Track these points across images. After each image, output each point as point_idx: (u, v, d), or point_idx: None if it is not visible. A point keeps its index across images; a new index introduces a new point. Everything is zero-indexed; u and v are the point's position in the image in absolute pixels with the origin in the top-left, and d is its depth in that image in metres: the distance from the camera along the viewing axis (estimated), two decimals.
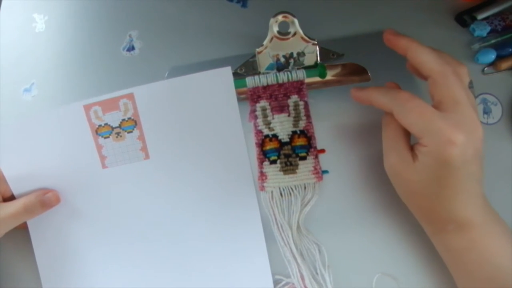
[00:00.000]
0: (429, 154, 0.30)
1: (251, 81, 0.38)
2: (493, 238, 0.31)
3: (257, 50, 0.39)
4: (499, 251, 0.30)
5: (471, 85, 0.33)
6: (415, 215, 0.34)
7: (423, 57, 0.32)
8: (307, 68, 0.39)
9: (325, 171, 0.38)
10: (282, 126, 0.38)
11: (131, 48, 0.45)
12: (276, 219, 0.37)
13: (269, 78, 0.38)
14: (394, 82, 0.36)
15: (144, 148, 0.38)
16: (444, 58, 0.32)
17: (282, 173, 0.38)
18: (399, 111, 0.31)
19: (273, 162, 0.38)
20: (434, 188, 0.31)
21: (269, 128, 0.39)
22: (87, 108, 0.38)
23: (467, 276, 0.32)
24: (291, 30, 0.38)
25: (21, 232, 0.39)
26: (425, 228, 0.34)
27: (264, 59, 0.39)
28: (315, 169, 0.38)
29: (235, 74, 0.39)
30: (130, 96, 0.37)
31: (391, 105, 0.32)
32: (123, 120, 0.38)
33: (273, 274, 0.37)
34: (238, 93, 0.37)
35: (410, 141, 0.33)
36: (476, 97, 0.39)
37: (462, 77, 0.32)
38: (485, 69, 0.40)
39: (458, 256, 0.32)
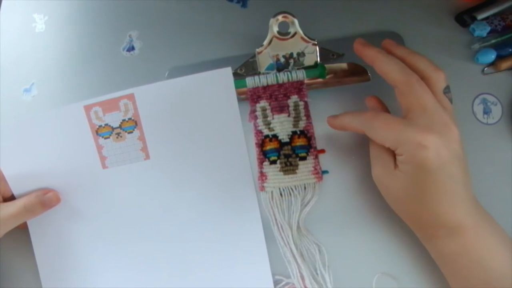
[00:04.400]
0: (405, 161, 0.31)
1: (251, 81, 0.38)
2: (485, 242, 0.30)
3: (257, 50, 0.39)
4: (492, 255, 0.30)
5: (447, 90, 0.33)
6: (407, 223, 0.34)
7: (387, 68, 0.33)
8: (307, 68, 0.39)
9: (325, 171, 0.38)
10: (282, 126, 0.38)
11: (131, 48, 0.45)
12: (276, 219, 0.37)
13: (269, 78, 0.38)
14: (374, 96, 0.37)
15: (145, 149, 0.38)
16: (417, 63, 0.33)
17: (282, 173, 0.38)
18: (369, 130, 0.33)
19: (273, 162, 0.38)
20: (418, 194, 0.31)
21: (269, 128, 0.39)
22: (87, 108, 0.38)
23: (461, 281, 0.31)
24: (291, 30, 0.38)
25: (21, 232, 0.39)
26: (418, 235, 0.34)
27: (264, 59, 0.39)
28: (315, 169, 0.38)
29: (235, 74, 0.39)
30: (131, 97, 0.37)
31: (362, 127, 0.33)
32: (124, 120, 0.38)
33: (273, 275, 0.37)
34: (238, 93, 0.37)
35: None
36: (475, 97, 0.39)
37: (435, 83, 0.33)
38: (485, 69, 0.40)
39: (451, 261, 0.32)
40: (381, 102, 0.37)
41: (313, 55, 0.39)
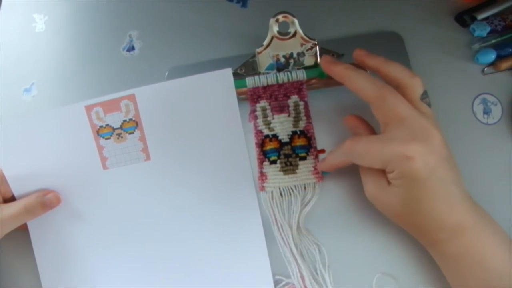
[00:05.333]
0: (397, 177, 0.31)
1: (251, 81, 0.38)
2: (485, 240, 0.30)
3: (257, 50, 0.39)
4: (492, 255, 0.30)
5: (424, 96, 0.33)
6: (409, 232, 0.34)
7: (358, 85, 0.33)
8: (307, 68, 0.39)
9: (325, 172, 0.38)
10: (282, 126, 0.38)
11: (131, 48, 0.45)
12: (276, 219, 0.37)
13: (269, 78, 0.38)
14: (351, 116, 0.37)
15: (145, 149, 0.38)
16: (391, 72, 0.33)
17: (282, 173, 0.38)
18: (355, 160, 0.33)
19: (273, 162, 0.38)
20: (414, 204, 0.31)
21: (269, 128, 0.39)
22: (88, 109, 0.38)
23: (463, 282, 0.31)
24: (291, 30, 0.38)
25: (21, 232, 0.39)
26: (420, 242, 0.34)
27: (264, 59, 0.39)
28: (315, 169, 0.38)
29: (235, 74, 0.39)
30: (132, 97, 0.37)
31: (347, 158, 0.34)
32: (124, 121, 0.38)
33: (273, 275, 0.37)
34: (238, 93, 0.37)
35: None
36: (475, 97, 0.39)
37: (411, 90, 0.32)
38: (485, 69, 0.40)
39: (454, 263, 0.31)
40: (359, 119, 0.37)
41: (313, 55, 0.39)
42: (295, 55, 0.39)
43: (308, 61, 0.39)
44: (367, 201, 0.38)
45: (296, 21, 0.37)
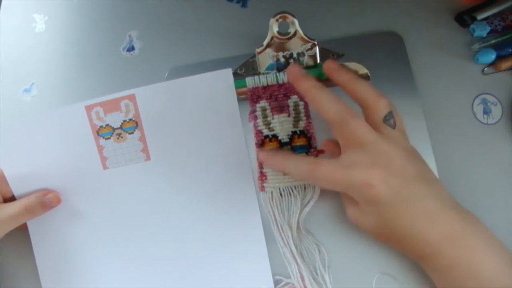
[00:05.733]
0: (361, 202, 0.31)
1: (251, 82, 0.38)
2: (475, 251, 0.30)
3: (257, 50, 0.39)
4: (482, 264, 0.29)
5: (388, 117, 0.32)
6: (397, 250, 0.34)
7: (321, 105, 0.32)
8: (307, 68, 0.39)
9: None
10: (282, 127, 0.38)
11: (131, 48, 0.45)
12: (276, 219, 0.37)
13: (269, 78, 0.38)
14: (328, 140, 0.37)
15: (145, 150, 0.38)
16: (358, 93, 0.33)
17: (282, 173, 0.38)
18: (315, 183, 0.34)
19: None
20: (390, 225, 0.31)
21: (269, 128, 0.39)
22: (88, 109, 0.38)
23: None
24: (291, 30, 0.38)
25: (21, 232, 0.39)
26: (409, 257, 0.34)
27: (264, 59, 0.39)
28: None
29: (235, 74, 0.39)
30: (132, 97, 0.37)
31: (311, 182, 0.35)
32: (124, 121, 0.38)
33: (273, 275, 0.37)
34: (238, 93, 0.37)
35: None
36: (475, 97, 0.39)
37: (376, 112, 0.32)
38: (485, 69, 0.40)
39: (445, 275, 0.31)
40: (336, 144, 0.36)
41: (313, 55, 0.39)
42: (295, 55, 0.39)
43: (308, 61, 0.39)
44: None
45: (296, 21, 0.37)
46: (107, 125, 0.38)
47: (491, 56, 0.39)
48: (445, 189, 0.31)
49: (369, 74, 0.38)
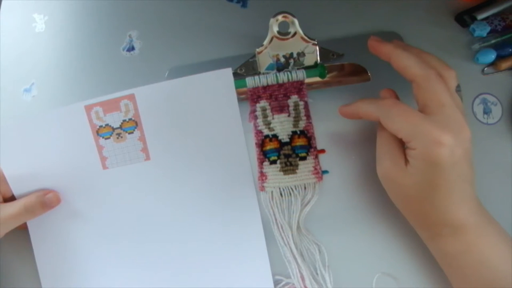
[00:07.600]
0: (418, 156, 0.30)
1: (251, 81, 0.38)
2: (488, 240, 0.31)
3: (257, 50, 0.39)
4: (495, 254, 0.30)
5: (458, 89, 0.33)
6: (409, 221, 0.34)
7: (406, 62, 0.32)
8: (307, 68, 0.39)
9: (325, 171, 0.38)
10: (282, 126, 0.39)
11: (131, 48, 0.45)
12: (276, 219, 0.37)
13: (269, 78, 0.38)
14: (390, 89, 0.36)
15: (145, 149, 0.38)
16: (430, 61, 0.33)
17: (282, 173, 0.38)
18: (385, 118, 0.32)
19: (273, 162, 0.38)
20: (427, 191, 0.31)
21: (269, 128, 0.39)
22: (88, 108, 0.38)
23: (464, 280, 0.32)
24: (291, 30, 0.38)
25: (21, 232, 0.39)
26: (420, 234, 0.34)
27: (264, 59, 0.39)
28: (315, 169, 0.38)
29: (235, 74, 0.39)
30: (131, 97, 0.37)
31: (378, 113, 0.32)
32: (124, 121, 0.38)
33: (273, 275, 0.37)
34: (238, 93, 0.38)
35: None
36: (475, 97, 0.39)
37: (449, 81, 0.32)
38: (485, 69, 0.40)
39: (455, 260, 0.32)
40: (397, 95, 0.36)
41: (313, 55, 0.39)
42: (295, 55, 0.39)
43: (308, 61, 0.39)
44: (367, 201, 0.38)
45: (296, 21, 0.37)
46: (107, 124, 0.38)
47: (491, 56, 0.39)
48: None
49: (369, 74, 0.39)
